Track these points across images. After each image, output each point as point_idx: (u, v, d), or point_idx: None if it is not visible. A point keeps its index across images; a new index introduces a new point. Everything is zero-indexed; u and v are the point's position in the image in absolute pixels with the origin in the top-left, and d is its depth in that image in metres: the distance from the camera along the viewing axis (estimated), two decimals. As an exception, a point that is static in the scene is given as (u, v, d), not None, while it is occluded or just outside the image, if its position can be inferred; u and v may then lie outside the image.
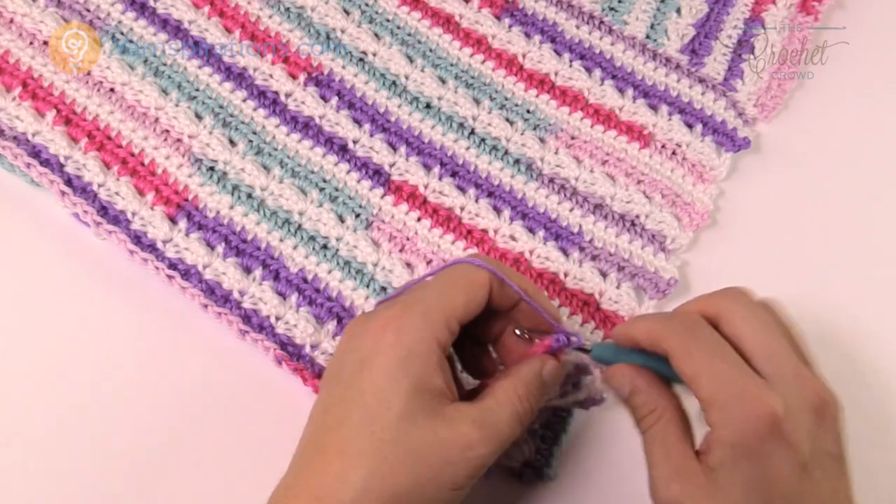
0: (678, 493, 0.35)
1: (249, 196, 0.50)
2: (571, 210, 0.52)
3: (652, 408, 0.37)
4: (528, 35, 0.57)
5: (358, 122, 0.52)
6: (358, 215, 0.50)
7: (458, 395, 0.37)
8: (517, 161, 0.53)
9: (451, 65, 0.55)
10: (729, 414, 0.34)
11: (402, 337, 0.36)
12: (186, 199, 0.49)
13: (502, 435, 0.36)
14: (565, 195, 0.52)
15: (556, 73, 0.56)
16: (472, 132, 0.53)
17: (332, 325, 0.47)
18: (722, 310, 0.36)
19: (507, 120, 0.54)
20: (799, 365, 0.35)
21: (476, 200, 0.51)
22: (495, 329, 0.42)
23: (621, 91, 0.56)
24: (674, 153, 0.54)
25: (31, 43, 0.52)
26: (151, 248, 0.48)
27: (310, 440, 0.37)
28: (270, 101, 0.52)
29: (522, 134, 0.53)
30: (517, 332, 0.40)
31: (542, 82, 0.55)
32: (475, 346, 0.42)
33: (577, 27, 0.57)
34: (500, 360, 0.42)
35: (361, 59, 0.54)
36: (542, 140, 0.54)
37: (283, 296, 0.47)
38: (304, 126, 0.52)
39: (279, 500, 0.36)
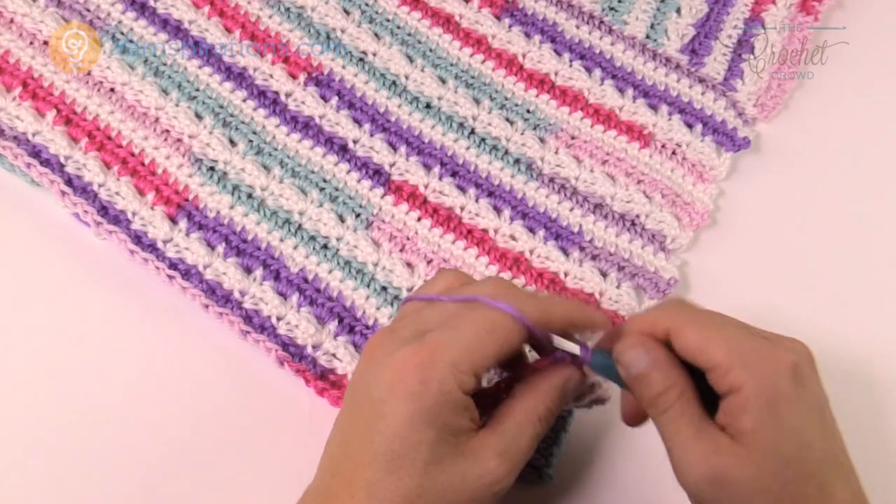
0: (722, 468, 0.34)
1: (250, 196, 0.50)
2: (571, 210, 0.52)
3: (671, 384, 0.36)
4: (528, 35, 0.57)
5: (358, 122, 0.52)
6: (358, 215, 0.50)
7: (478, 419, 0.36)
8: (517, 161, 0.53)
9: (451, 65, 0.55)
10: (755, 370, 0.34)
11: (427, 386, 0.34)
12: (187, 199, 0.49)
13: (523, 459, 0.36)
14: (565, 195, 0.52)
15: (556, 73, 0.56)
16: (472, 132, 0.53)
17: (333, 325, 0.47)
18: (669, 325, 0.36)
19: (507, 120, 0.54)
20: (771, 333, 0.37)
21: (476, 200, 0.51)
22: None
23: (621, 91, 0.56)
24: (674, 153, 0.54)
25: (31, 43, 0.52)
26: (152, 248, 0.48)
27: (335, 473, 0.36)
28: (270, 101, 0.52)
29: (522, 134, 0.53)
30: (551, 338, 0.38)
31: (542, 82, 0.55)
32: None
33: (577, 27, 0.57)
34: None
35: (361, 59, 0.54)
36: (542, 140, 0.54)
37: (283, 296, 0.48)
38: (304, 126, 0.52)
39: None
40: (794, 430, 0.34)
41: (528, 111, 0.54)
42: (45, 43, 0.52)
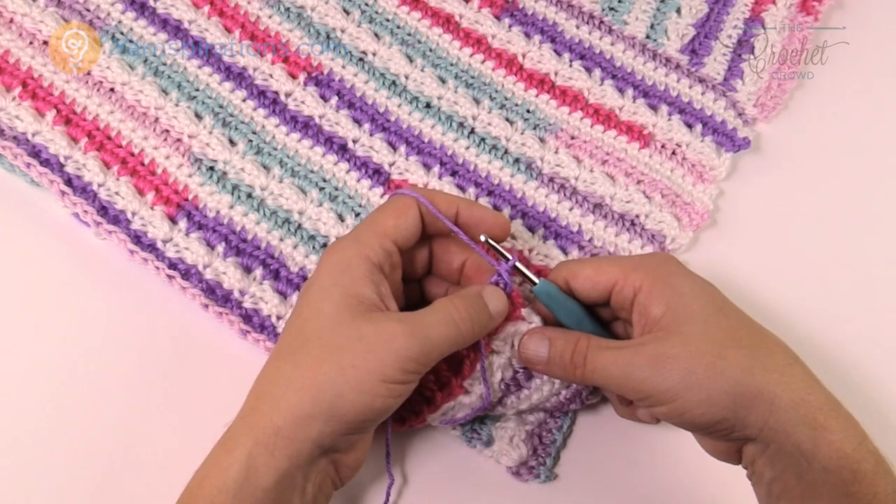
0: (654, 351, 0.38)
1: (249, 195, 0.50)
2: (571, 209, 0.52)
3: (575, 338, 0.40)
4: (528, 35, 0.57)
5: (358, 122, 0.52)
6: (358, 214, 0.50)
7: (396, 311, 0.39)
8: (517, 160, 0.53)
9: (451, 64, 0.55)
10: (645, 269, 0.40)
11: (333, 258, 0.39)
12: (186, 199, 0.49)
13: (431, 332, 0.37)
14: (565, 194, 0.52)
15: (556, 73, 0.56)
16: (472, 132, 0.53)
17: (331, 325, 0.47)
18: (565, 274, 0.43)
19: (507, 119, 0.54)
20: None
21: (476, 199, 0.51)
22: (446, 290, 0.45)
23: (621, 91, 0.56)
24: (674, 153, 0.54)
25: (31, 43, 0.52)
26: (151, 247, 0.48)
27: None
28: (270, 100, 0.52)
29: (522, 133, 0.53)
30: (483, 238, 0.42)
31: (542, 82, 0.55)
32: None
33: (577, 27, 0.57)
34: None
35: (361, 59, 0.54)
36: (541, 140, 0.54)
37: (283, 295, 0.48)
38: (304, 125, 0.52)
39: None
40: (695, 295, 0.39)
41: (528, 111, 0.54)
42: (45, 43, 0.52)
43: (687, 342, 0.38)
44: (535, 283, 0.42)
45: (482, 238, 0.42)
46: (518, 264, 0.42)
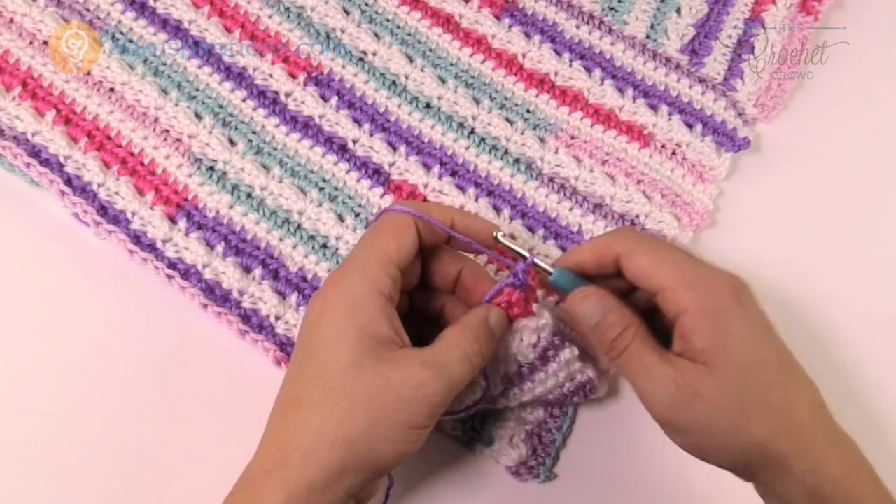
0: (688, 385, 0.36)
1: (249, 195, 0.50)
2: (571, 209, 0.52)
3: (627, 323, 0.39)
4: (528, 35, 0.57)
5: (358, 122, 0.52)
6: (357, 214, 0.50)
7: (409, 343, 0.38)
8: (517, 160, 0.53)
9: (451, 64, 0.55)
10: (698, 290, 0.38)
11: (343, 293, 0.38)
12: (186, 199, 0.49)
13: (453, 374, 0.37)
14: (565, 194, 0.52)
15: (556, 73, 0.56)
16: (472, 132, 0.53)
17: (331, 325, 0.47)
18: (620, 249, 0.40)
19: (507, 119, 0.54)
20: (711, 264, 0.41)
21: (476, 199, 0.51)
22: (440, 300, 0.44)
23: (621, 91, 0.56)
24: (674, 153, 0.54)
25: (31, 43, 0.52)
26: (151, 247, 0.48)
27: (274, 405, 0.39)
28: (270, 100, 0.52)
29: (522, 133, 0.53)
30: (498, 235, 0.41)
31: (542, 82, 0.55)
32: (426, 325, 0.43)
33: (577, 27, 0.57)
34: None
35: (361, 59, 0.54)
36: (541, 139, 0.54)
37: (282, 295, 0.48)
38: (304, 125, 0.52)
39: (251, 461, 0.38)
40: (743, 340, 0.37)
41: (527, 111, 0.54)
42: (45, 43, 0.52)
43: (719, 391, 0.37)
44: (550, 274, 0.42)
45: (498, 235, 0.41)
46: (536, 260, 0.41)
